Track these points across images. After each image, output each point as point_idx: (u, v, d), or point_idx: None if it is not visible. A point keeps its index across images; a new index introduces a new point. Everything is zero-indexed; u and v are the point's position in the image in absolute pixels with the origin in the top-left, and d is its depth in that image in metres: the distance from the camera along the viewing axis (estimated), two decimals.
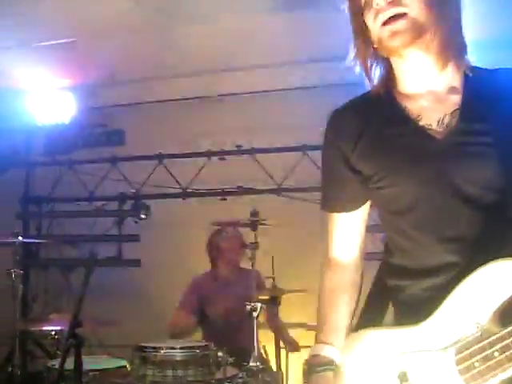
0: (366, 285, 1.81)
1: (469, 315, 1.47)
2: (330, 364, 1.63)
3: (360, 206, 1.74)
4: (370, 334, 1.63)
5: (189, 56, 5.06)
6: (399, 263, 1.65)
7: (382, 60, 1.67)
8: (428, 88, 1.62)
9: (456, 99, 1.59)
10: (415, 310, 1.57)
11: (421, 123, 1.58)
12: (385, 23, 1.55)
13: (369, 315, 1.84)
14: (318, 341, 1.69)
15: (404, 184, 1.57)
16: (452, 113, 1.58)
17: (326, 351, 1.66)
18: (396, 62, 1.65)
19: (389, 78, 1.68)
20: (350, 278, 1.76)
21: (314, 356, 1.66)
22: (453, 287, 1.49)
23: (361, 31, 1.63)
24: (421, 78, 1.62)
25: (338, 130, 1.70)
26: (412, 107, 1.61)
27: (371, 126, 1.63)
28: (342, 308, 1.73)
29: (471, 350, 1.44)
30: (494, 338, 1.42)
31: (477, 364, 1.43)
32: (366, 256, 1.78)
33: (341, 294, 1.74)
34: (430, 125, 1.58)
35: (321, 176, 1.79)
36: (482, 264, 1.45)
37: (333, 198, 1.75)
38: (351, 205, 1.74)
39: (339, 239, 1.76)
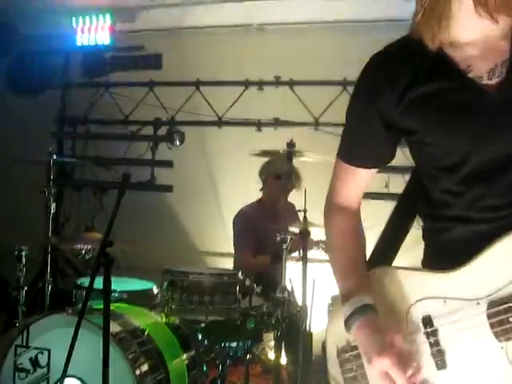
0: None
1: (507, 270, 1.43)
2: (369, 309, 1.57)
3: (381, 165, 1.68)
4: (399, 272, 1.60)
5: None
6: (439, 209, 1.60)
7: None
8: (478, 35, 1.49)
9: (506, 47, 1.49)
10: (451, 256, 1.53)
11: (470, 75, 1.48)
12: None
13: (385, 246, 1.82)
14: (351, 291, 1.60)
15: (454, 140, 1.50)
16: (502, 63, 1.48)
17: (362, 299, 1.59)
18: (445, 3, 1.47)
19: (436, 21, 1.50)
20: (359, 222, 1.74)
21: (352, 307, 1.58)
22: (494, 239, 1.45)
23: None
24: (472, 23, 1.47)
25: (378, 80, 1.57)
26: (460, 57, 1.50)
27: (417, 79, 1.52)
28: (362, 246, 1.72)
29: (506, 305, 1.41)
30: None
31: (511, 319, 1.40)
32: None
33: (356, 234, 1.72)
34: (481, 77, 1.48)
35: (346, 120, 1.69)
36: None
37: (356, 152, 1.67)
38: (373, 162, 1.68)
39: (349, 189, 1.72)
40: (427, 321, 1.52)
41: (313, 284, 3.95)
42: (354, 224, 1.73)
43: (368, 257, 1.76)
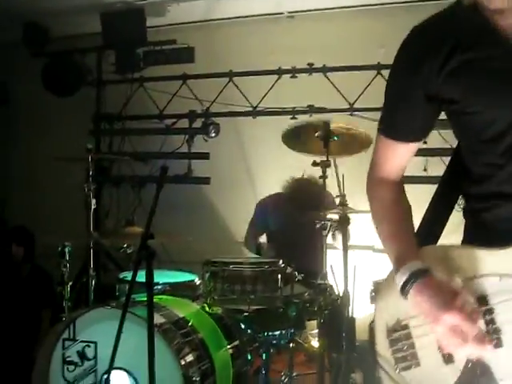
0: None
1: None
2: (427, 271, 1.56)
3: (423, 139, 1.68)
4: (449, 249, 1.58)
5: None
6: (482, 186, 1.58)
7: None
8: None
9: None
10: (498, 234, 1.52)
11: None
12: None
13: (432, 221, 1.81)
14: (405, 257, 1.60)
15: (497, 109, 1.48)
16: None
17: (416, 263, 1.58)
18: None
19: None
20: (403, 192, 1.75)
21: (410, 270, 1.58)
22: None
23: None
24: None
25: (420, 48, 1.56)
26: (503, 24, 1.48)
27: (460, 47, 1.50)
28: (409, 215, 1.72)
29: None
30: None
31: None
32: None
33: (401, 203, 1.73)
34: None
35: (385, 97, 1.69)
36: None
37: (396, 126, 1.67)
38: (416, 136, 1.68)
39: (391, 163, 1.72)
40: (482, 299, 1.50)
41: (354, 270, 3.93)
42: (398, 194, 1.73)
43: None
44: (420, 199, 1.90)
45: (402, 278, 1.57)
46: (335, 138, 3.70)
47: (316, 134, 3.72)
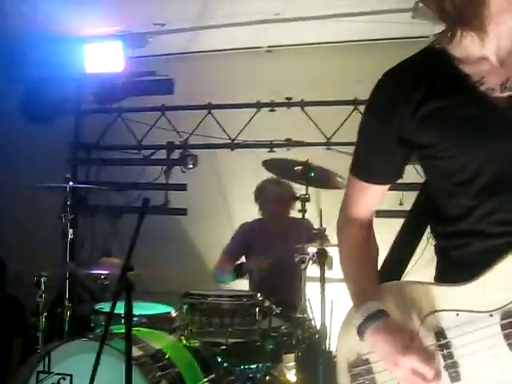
0: None
1: None
2: (383, 313, 1.58)
3: (392, 181, 1.70)
4: (410, 287, 1.61)
5: (239, 6, 4.96)
6: (452, 225, 1.60)
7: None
8: (490, 50, 1.52)
9: None
10: (465, 270, 1.53)
11: (482, 88, 1.50)
12: None
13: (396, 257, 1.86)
14: (364, 298, 1.62)
15: (468, 154, 1.51)
16: None
17: (374, 305, 1.60)
18: None
19: (448, 36, 1.54)
20: (372, 233, 1.76)
21: (367, 313, 1.59)
22: (505, 253, 1.46)
23: None
24: (486, 41, 1.50)
25: (392, 94, 1.59)
26: (473, 71, 1.52)
27: (431, 93, 1.53)
28: (374, 257, 1.74)
29: None
30: None
31: None
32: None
33: (368, 244, 1.74)
34: (493, 89, 1.49)
35: (358, 139, 1.70)
36: None
37: (369, 169, 1.69)
38: (387, 178, 1.70)
39: (362, 204, 1.74)
40: (440, 333, 1.53)
41: (331, 304, 3.94)
42: (366, 235, 1.75)
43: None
44: (395, 233, 1.93)
45: (359, 320, 1.58)
46: (312, 175, 3.76)
47: (295, 169, 3.76)
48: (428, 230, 1.78)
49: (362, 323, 1.57)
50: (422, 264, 1.88)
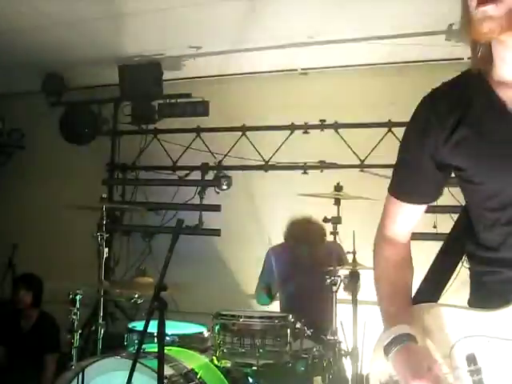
0: None
1: None
2: (408, 337, 1.60)
3: (430, 202, 1.72)
4: (445, 310, 1.62)
5: (273, 29, 5.02)
6: (486, 252, 1.61)
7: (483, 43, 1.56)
8: None
9: None
10: (498, 297, 1.54)
11: None
12: (479, 3, 1.45)
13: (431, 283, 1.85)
14: (394, 319, 1.64)
15: (501, 182, 1.52)
16: None
17: (403, 327, 1.62)
18: (495, 47, 1.55)
19: (486, 62, 1.57)
20: (409, 252, 1.78)
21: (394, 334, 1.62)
22: None
23: (467, 10, 1.51)
24: None
25: (428, 119, 1.62)
26: (504, 95, 1.53)
27: (467, 117, 1.56)
28: (409, 279, 1.75)
29: None
30: None
31: None
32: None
33: (404, 265, 1.76)
34: None
35: (397, 162, 1.74)
36: None
37: (407, 189, 1.72)
38: (424, 198, 1.72)
39: (399, 223, 1.76)
40: (471, 359, 1.53)
41: (364, 326, 3.93)
42: (402, 255, 1.77)
43: (413, 295, 1.78)
44: (429, 256, 1.94)
45: (385, 341, 1.61)
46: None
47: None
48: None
49: (387, 345, 1.60)
50: (457, 286, 1.88)
